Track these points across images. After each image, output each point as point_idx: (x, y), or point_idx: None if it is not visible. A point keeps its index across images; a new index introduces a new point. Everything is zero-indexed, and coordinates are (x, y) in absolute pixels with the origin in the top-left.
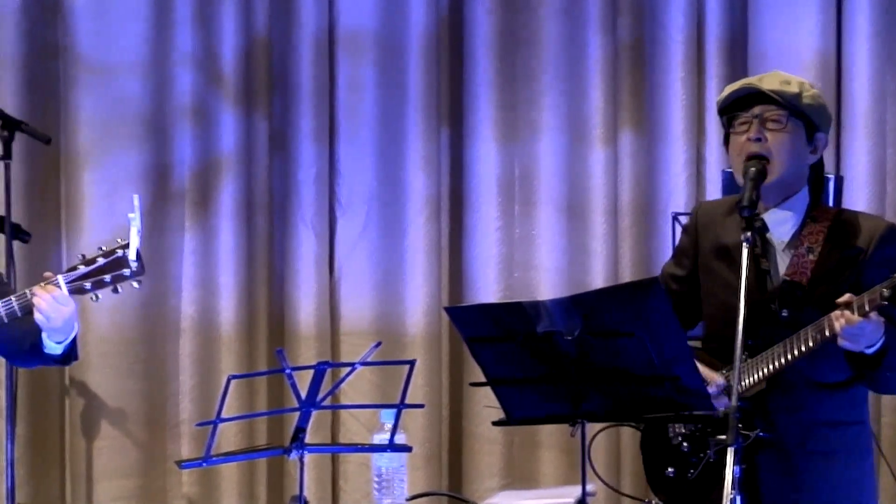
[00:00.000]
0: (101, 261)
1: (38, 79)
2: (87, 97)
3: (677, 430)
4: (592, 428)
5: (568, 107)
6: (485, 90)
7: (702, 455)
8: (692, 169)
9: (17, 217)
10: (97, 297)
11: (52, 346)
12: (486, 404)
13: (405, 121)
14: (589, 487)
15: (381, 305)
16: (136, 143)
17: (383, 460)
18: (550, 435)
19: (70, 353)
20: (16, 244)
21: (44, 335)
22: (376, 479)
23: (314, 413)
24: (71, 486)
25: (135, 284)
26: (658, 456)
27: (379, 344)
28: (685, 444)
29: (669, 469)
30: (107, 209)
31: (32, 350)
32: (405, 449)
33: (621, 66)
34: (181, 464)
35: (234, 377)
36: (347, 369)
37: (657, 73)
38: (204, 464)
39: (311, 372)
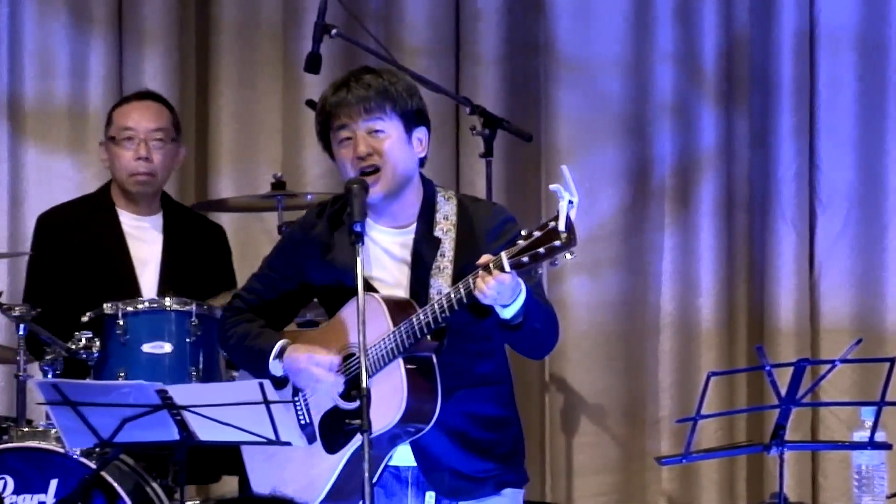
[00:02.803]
0: (536, 233)
1: (519, 77)
2: (568, 95)
3: None
4: None
5: None
6: None
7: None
8: None
9: None
10: (536, 271)
11: (503, 311)
12: None
13: (886, 118)
14: None
15: (861, 302)
16: (615, 141)
17: (863, 457)
18: None
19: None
20: None
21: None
22: (856, 476)
23: (794, 410)
24: (551, 481)
25: (567, 256)
26: None
27: (860, 341)
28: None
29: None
30: (586, 206)
31: None
32: (885, 446)
33: None
34: (661, 460)
35: (714, 374)
36: (827, 367)
37: None
38: (683, 460)
39: (791, 369)
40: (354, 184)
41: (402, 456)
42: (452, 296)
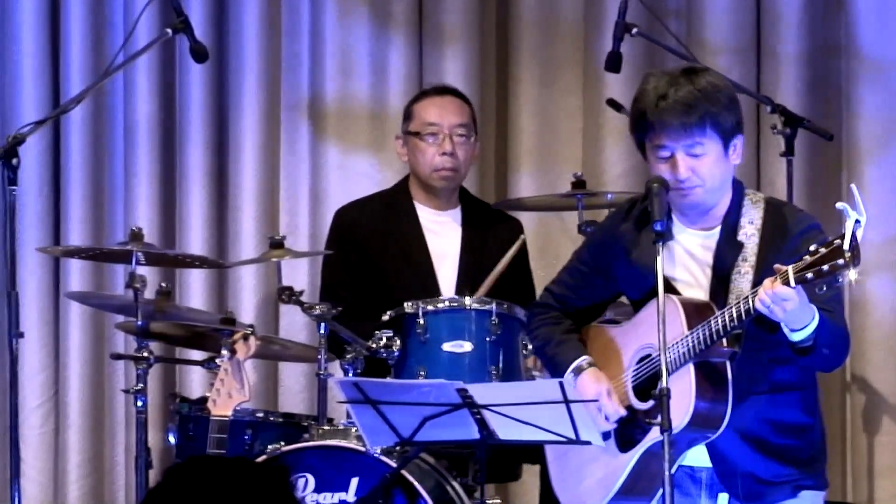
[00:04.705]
0: (822, 250)
1: (819, 76)
2: (870, 94)
3: None
4: None
5: None
6: None
7: None
8: None
9: None
10: (823, 287)
11: (790, 335)
12: None
13: None
14: None
15: None
16: None
17: None
18: None
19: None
20: None
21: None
22: None
23: None
24: (852, 481)
25: (852, 275)
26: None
27: None
28: None
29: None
30: (890, 204)
31: None
32: None
33: None
34: None
35: None
36: None
37: None
38: None
39: None
40: (654, 183)
41: (698, 456)
42: (742, 305)
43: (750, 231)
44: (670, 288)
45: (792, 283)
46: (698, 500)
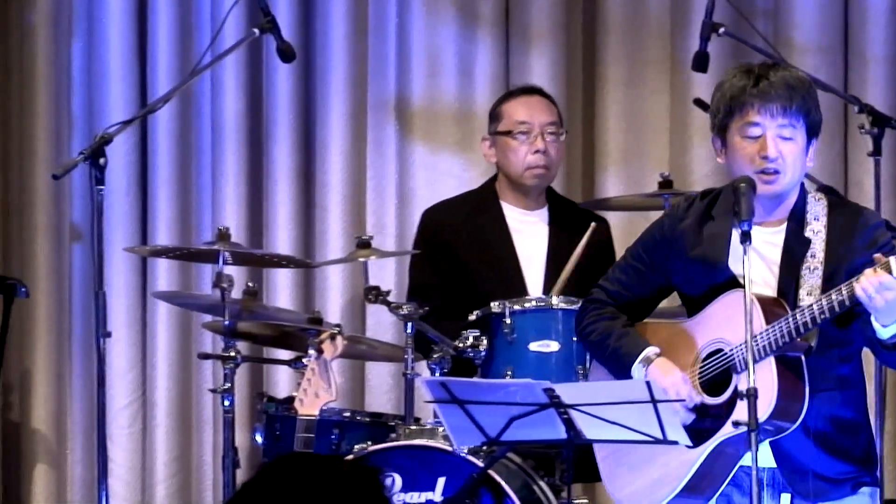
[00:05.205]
0: None
1: None
2: None
3: None
4: None
5: None
6: None
7: None
8: None
9: (886, 213)
10: None
11: (881, 331)
12: None
13: None
14: None
15: None
16: None
17: None
18: None
19: None
20: None
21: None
22: None
23: None
24: None
25: None
26: None
27: None
28: None
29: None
30: None
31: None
32: None
33: None
34: None
35: None
36: None
37: None
38: None
39: None
40: (742, 182)
41: (759, 456)
42: (834, 297)
43: (816, 227)
44: (736, 284)
45: (894, 272)
46: (761, 500)
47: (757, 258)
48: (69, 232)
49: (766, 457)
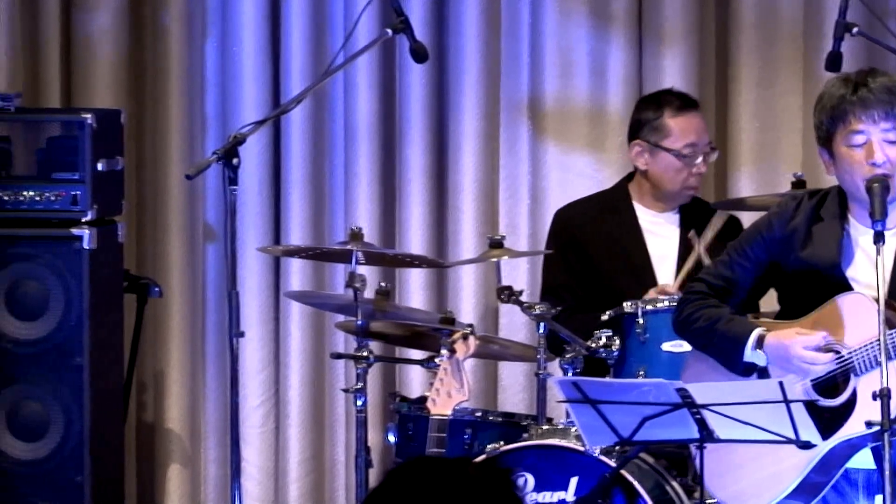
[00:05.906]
0: None
1: None
2: None
3: None
4: None
5: None
6: None
7: None
8: None
9: None
10: None
11: None
12: None
13: None
14: None
15: None
16: None
17: None
18: None
19: None
20: None
21: None
22: None
23: None
24: None
25: None
26: None
27: None
28: None
29: None
30: None
31: None
32: None
33: None
34: None
35: None
36: None
37: None
38: None
39: None
40: (875, 182)
41: (855, 458)
42: None
43: None
44: (846, 287)
45: None
46: (855, 502)
47: (866, 260)
48: (202, 232)
49: (860, 458)
